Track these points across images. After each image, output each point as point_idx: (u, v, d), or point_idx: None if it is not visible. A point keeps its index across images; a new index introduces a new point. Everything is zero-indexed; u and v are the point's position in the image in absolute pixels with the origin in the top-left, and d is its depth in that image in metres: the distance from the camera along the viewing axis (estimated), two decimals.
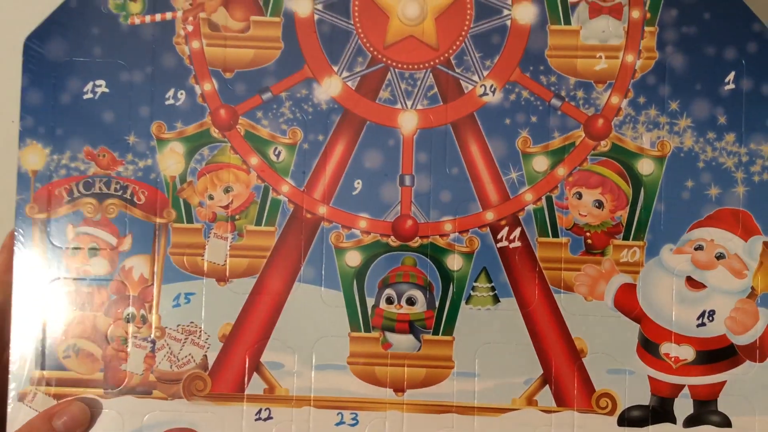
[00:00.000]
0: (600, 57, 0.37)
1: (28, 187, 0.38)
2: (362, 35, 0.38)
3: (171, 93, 0.38)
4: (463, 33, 0.38)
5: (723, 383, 0.37)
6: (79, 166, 0.38)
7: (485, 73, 0.38)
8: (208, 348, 0.37)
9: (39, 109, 0.38)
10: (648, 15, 0.37)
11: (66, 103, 0.38)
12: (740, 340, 0.36)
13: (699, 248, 0.37)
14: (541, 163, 0.37)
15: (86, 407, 0.36)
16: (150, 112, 0.38)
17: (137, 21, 0.38)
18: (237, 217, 0.38)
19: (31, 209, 0.38)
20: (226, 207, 0.38)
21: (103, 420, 0.37)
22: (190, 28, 0.38)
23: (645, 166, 0.37)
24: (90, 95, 0.38)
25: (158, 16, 0.38)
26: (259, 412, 0.37)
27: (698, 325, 0.37)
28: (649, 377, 0.37)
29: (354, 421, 0.37)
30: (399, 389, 0.37)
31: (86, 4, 0.38)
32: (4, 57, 0.40)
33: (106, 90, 0.38)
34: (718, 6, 0.37)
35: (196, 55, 0.38)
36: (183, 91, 0.38)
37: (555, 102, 0.37)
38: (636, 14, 0.37)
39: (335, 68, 0.38)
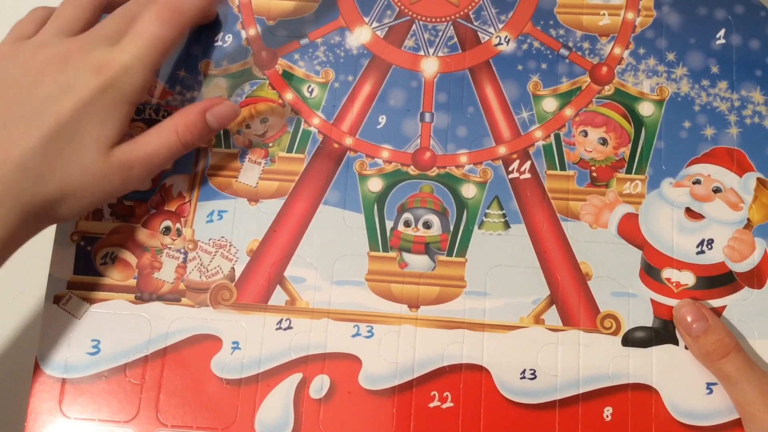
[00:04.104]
0: (603, 14, 0.42)
1: None
2: None
3: (220, 36, 0.43)
4: None
5: (723, 308, 0.38)
6: None
7: (500, 26, 0.42)
8: (236, 261, 0.40)
9: None
10: None
11: None
12: (738, 267, 0.38)
13: (697, 182, 0.40)
14: (550, 105, 0.41)
15: (236, 106, 0.39)
16: (200, 51, 0.42)
17: None
18: (270, 144, 0.41)
19: None
20: (262, 135, 0.42)
21: (133, 324, 0.39)
22: None
23: (645, 108, 0.41)
24: None
25: None
26: (280, 322, 0.39)
27: (698, 253, 0.39)
28: (652, 300, 0.38)
29: (369, 334, 0.39)
30: (413, 305, 0.39)
31: None
32: None
33: None
34: None
35: (244, 4, 0.43)
36: (230, 35, 0.43)
37: (563, 51, 0.42)
38: None
39: (366, 19, 0.43)
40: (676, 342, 0.38)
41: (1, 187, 0.34)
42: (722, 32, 0.41)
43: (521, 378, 0.38)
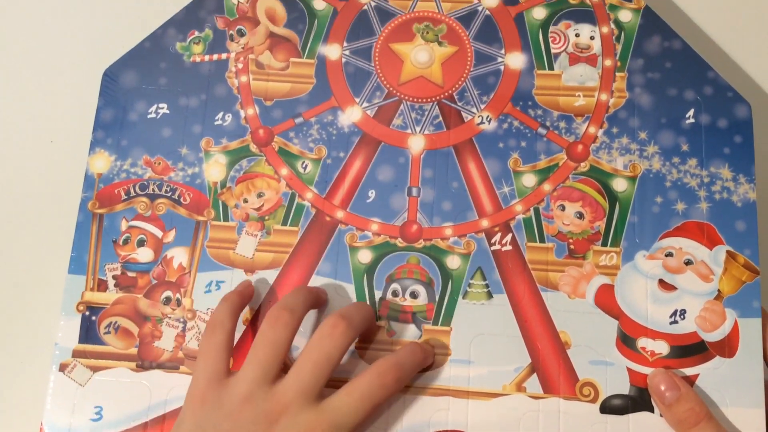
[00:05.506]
0: (579, 96, 0.45)
1: (92, 187, 0.44)
2: (381, 75, 0.46)
3: (220, 115, 0.45)
4: (465, 75, 0.45)
5: (696, 376, 0.40)
6: (138, 171, 0.45)
7: (482, 106, 0.45)
8: None
9: (109, 125, 0.45)
10: (618, 63, 0.45)
11: (132, 121, 0.45)
12: (710, 337, 0.40)
13: (669, 255, 0.42)
14: (529, 180, 0.44)
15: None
16: (201, 129, 0.45)
17: (198, 59, 0.47)
18: (266, 217, 0.44)
19: (92, 205, 0.44)
20: (258, 209, 0.44)
21: (134, 391, 0.41)
22: (240, 66, 0.46)
23: (619, 185, 0.43)
24: (153, 115, 0.46)
25: (215, 56, 0.47)
26: None
27: (671, 323, 0.41)
28: (628, 369, 0.40)
29: None
30: None
31: (157, 45, 0.47)
32: (84, 81, 0.48)
33: (167, 111, 0.46)
34: (677, 57, 0.45)
35: (243, 86, 0.46)
36: (230, 114, 0.45)
37: (541, 130, 0.44)
38: (608, 63, 0.45)
39: (357, 99, 0.45)
40: (651, 409, 0.40)
41: None
42: (692, 112, 0.44)
43: None
